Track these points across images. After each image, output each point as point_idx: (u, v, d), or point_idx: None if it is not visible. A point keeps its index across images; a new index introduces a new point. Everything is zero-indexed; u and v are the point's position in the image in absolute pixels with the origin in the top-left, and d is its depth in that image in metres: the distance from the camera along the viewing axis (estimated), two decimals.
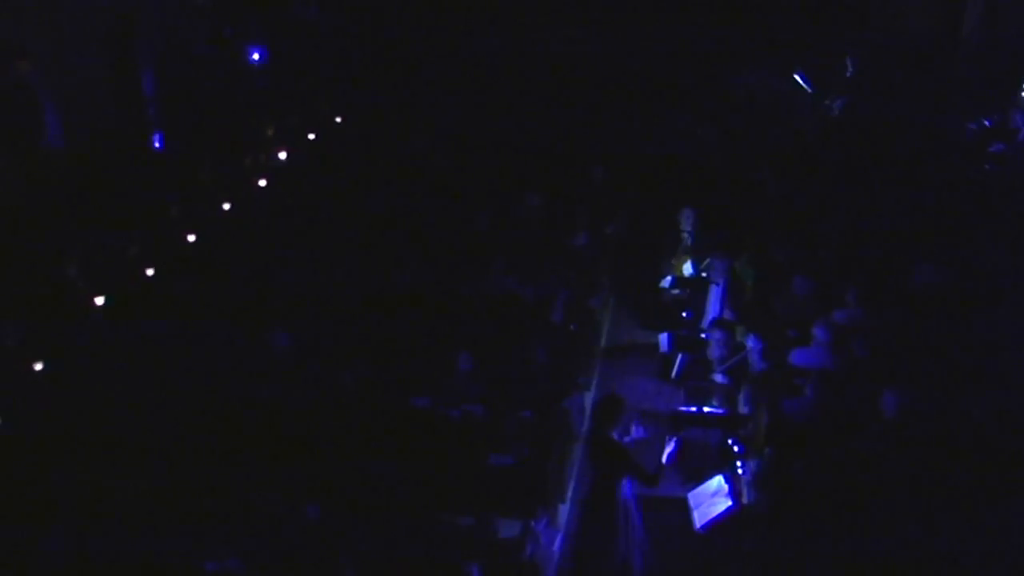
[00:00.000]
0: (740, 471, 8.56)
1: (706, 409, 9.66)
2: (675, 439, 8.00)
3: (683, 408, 9.75)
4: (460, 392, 9.48)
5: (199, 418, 8.97)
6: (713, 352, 10.27)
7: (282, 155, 13.67)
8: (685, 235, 12.23)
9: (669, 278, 12.06)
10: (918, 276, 10.71)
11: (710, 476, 8.45)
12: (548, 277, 11.44)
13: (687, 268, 12.06)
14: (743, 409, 9.69)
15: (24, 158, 11.76)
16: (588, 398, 10.91)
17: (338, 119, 15.14)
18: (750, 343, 9.96)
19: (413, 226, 12.28)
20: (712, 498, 8.24)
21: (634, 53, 15.87)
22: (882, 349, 9.62)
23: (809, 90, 14.86)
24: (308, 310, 10.59)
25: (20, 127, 11.73)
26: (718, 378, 10.11)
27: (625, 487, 7.94)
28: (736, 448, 8.83)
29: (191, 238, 11.58)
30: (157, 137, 13.95)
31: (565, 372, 10.11)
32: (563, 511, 9.26)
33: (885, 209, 12.39)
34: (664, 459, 7.92)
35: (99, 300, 10.14)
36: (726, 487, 8.24)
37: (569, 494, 9.51)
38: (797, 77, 14.82)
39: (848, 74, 14.83)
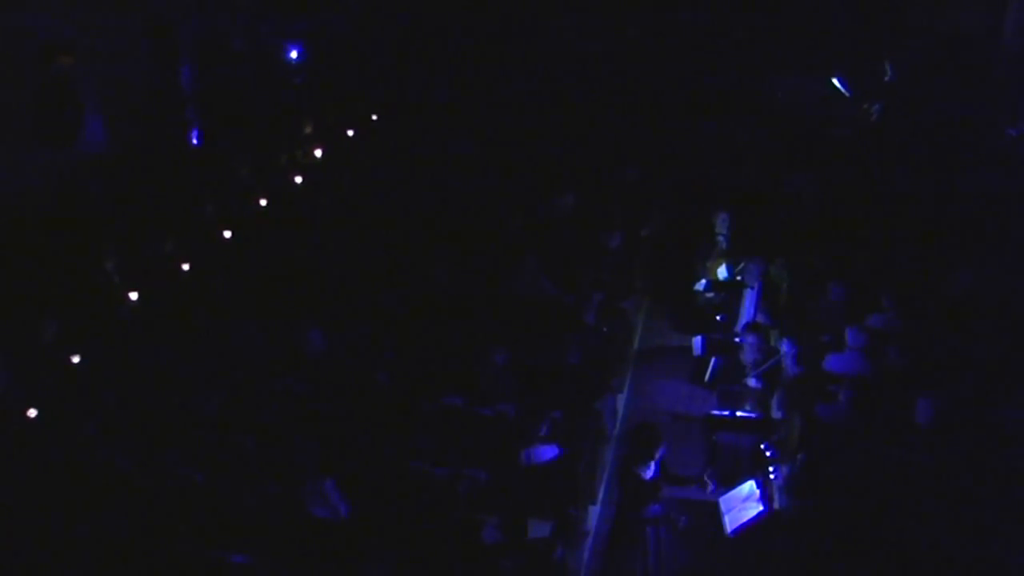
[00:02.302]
0: (772, 476, 8.57)
1: (739, 413, 9.68)
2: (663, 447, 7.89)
3: (716, 412, 9.76)
4: (492, 392, 9.54)
5: (231, 415, 9.07)
6: (747, 356, 10.27)
7: (318, 152, 13.75)
8: (720, 238, 12.25)
9: (703, 281, 12.07)
10: (956, 282, 10.65)
11: (742, 480, 8.47)
12: (581, 278, 11.47)
13: (722, 271, 12.06)
14: (776, 414, 9.71)
15: (63, 155, 11.89)
16: (620, 400, 10.94)
17: (374, 117, 15.23)
18: (784, 347, 9.96)
19: (448, 225, 12.35)
20: (744, 503, 8.26)
21: (671, 54, 15.83)
22: (918, 355, 9.58)
23: (847, 94, 14.79)
24: (342, 308, 10.68)
25: (60, 124, 11.86)
26: (751, 382, 10.12)
27: (652, 509, 7.92)
28: (769, 453, 8.84)
29: (227, 235, 11.70)
30: (195, 134, 14.05)
31: (597, 374, 10.15)
32: (593, 513, 9.30)
33: (922, 214, 12.32)
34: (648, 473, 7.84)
35: (133, 296, 10.27)
36: (758, 492, 8.25)
37: (600, 495, 9.55)
38: (835, 81, 14.76)
39: (887, 78, 14.74)
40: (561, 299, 11.13)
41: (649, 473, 7.85)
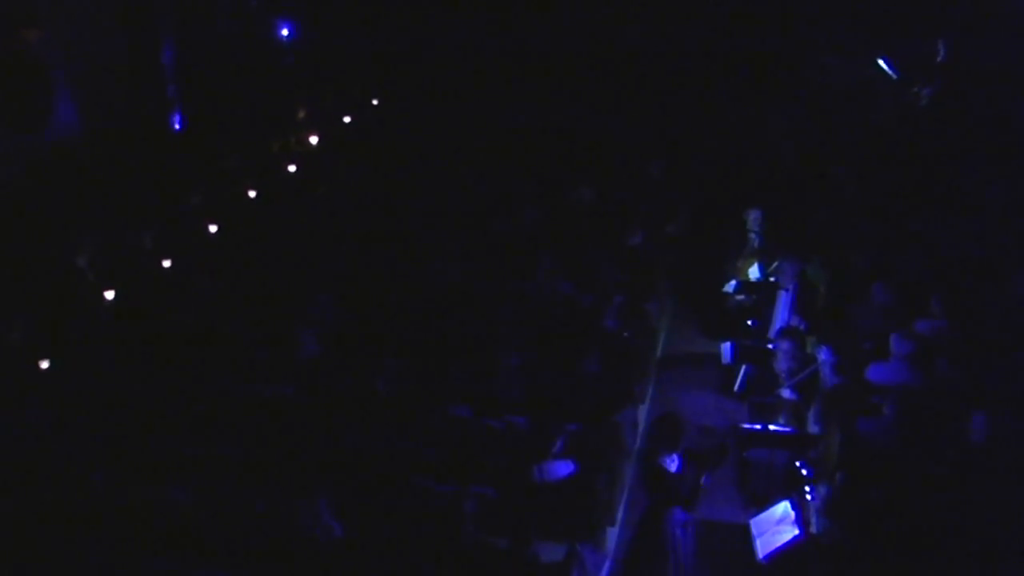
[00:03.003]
0: (808, 497, 8.55)
1: (772, 427, 9.65)
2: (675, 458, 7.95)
3: (746, 425, 9.75)
4: (503, 402, 9.54)
5: (216, 426, 9.10)
6: (780, 364, 10.25)
7: (313, 139, 13.80)
8: (752, 235, 12.25)
9: (733, 282, 12.08)
10: (1013, 284, 10.62)
11: (775, 502, 8.45)
12: (600, 278, 11.49)
13: (753, 271, 12.08)
14: (813, 428, 9.69)
15: (30, 141, 11.91)
16: (642, 412, 10.94)
17: (375, 101, 15.26)
18: (822, 355, 9.93)
19: (455, 219, 12.37)
20: (777, 526, 8.22)
21: (700, 33, 15.82)
22: (971, 365, 9.55)
23: (894, 76, 14.74)
24: (339, 310, 10.71)
25: (27, 106, 11.87)
26: (786, 393, 10.09)
27: (676, 513, 8.00)
28: (804, 471, 8.83)
29: (212, 229, 11.73)
30: (176, 118, 14.11)
31: (618, 383, 10.15)
32: (612, 535, 9.30)
33: (976, 210, 12.29)
34: (703, 480, 7.90)
35: (109, 295, 10.29)
36: (793, 514, 8.22)
37: (619, 516, 9.55)
38: (880, 62, 14.69)
39: (939, 58, 14.69)
40: (578, 301, 11.15)
41: (675, 466, 7.92)
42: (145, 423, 9.04)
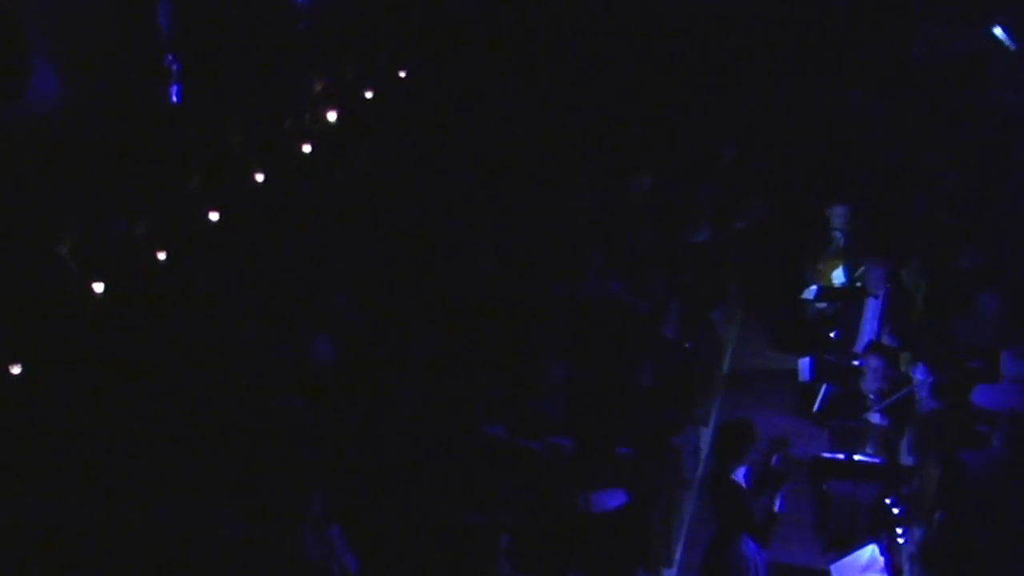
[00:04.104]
0: (901, 539, 8.58)
1: (857, 457, 9.62)
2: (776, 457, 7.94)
3: (827, 455, 9.72)
4: (544, 420, 9.53)
5: (215, 442, 9.14)
6: (868, 384, 10.22)
7: (332, 116, 13.85)
8: (836, 234, 12.24)
9: (814, 288, 12.06)
10: None
11: (860, 544, 8.44)
12: (659, 280, 11.48)
13: (837, 276, 12.08)
14: (906, 460, 9.74)
15: (5, 112, 12.02)
16: (704, 435, 10.93)
17: (402, 73, 15.30)
18: (918, 375, 9.92)
19: (491, 210, 12.38)
20: (863, 573, 8.21)
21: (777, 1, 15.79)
22: None
23: (1012, 47, 14.54)
24: (357, 311, 10.73)
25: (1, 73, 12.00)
26: (874, 418, 10.07)
27: (748, 545, 7.95)
28: (896, 509, 8.83)
29: (214, 216, 11.80)
30: (174, 89, 14.20)
31: (677, 401, 10.17)
32: None
33: None
34: (776, 504, 7.88)
35: (98, 288, 10.36)
36: (881, 560, 8.20)
37: (677, 556, 9.50)
38: (996, 31, 14.50)
39: None
40: (633, 306, 11.16)
41: (747, 482, 7.97)
42: (132, 437, 9.09)
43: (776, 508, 7.97)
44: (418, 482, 8.89)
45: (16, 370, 9.51)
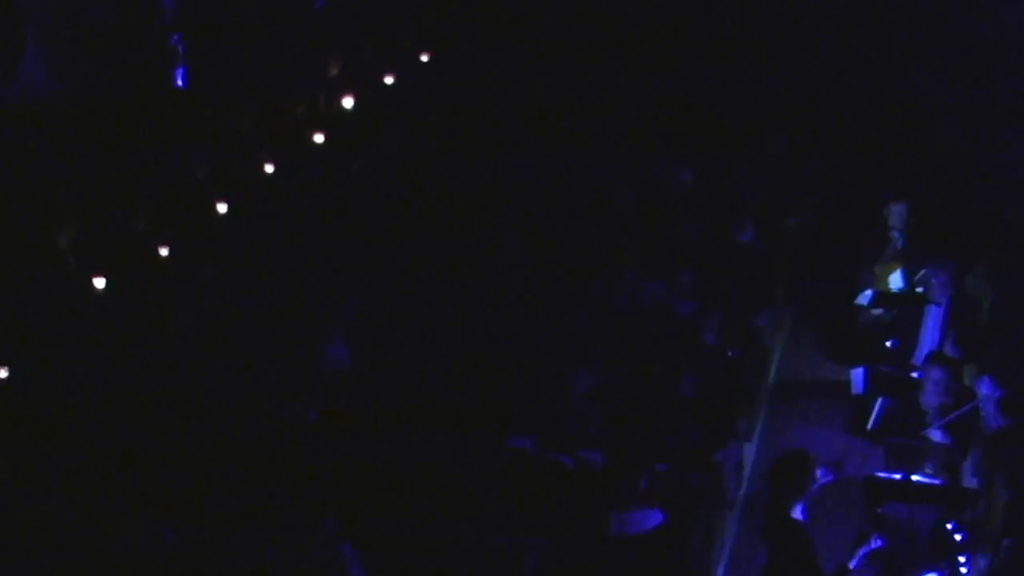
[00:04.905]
0: (963, 569, 8.53)
1: (915, 478, 9.55)
2: (879, 539, 7.96)
3: (882, 474, 9.67)
4: (575, 432, 9.55)
5: (220, 453, 9.20)
6: (928, 399, 10.18)
7: (348, 102, 13.89)
8: (894, 234, 12.21)
9: (869, 292, 12.04)
10: None
11: (920, 572, 8.48)
12: (700, 283, 11.49)
13: (895, 280, 12.06)
14: (970, 481, 9.62)
15: None
16: (748, 451, 10.91)
17: (425, 56, 15.33)
18: (984, 389, 9.85)
19: (520, 205, 12.39)
20: None
21: None
22: None
23: None
24: (374, 312, 10.77)
25: None
26: (934, 435, 10.03)
27: None
28: (958, 536, 8.79)
29: (221, 208, 11.86)
30: (180, 72, 14.27)
31: (719, 413, 10.15)
32: None
33: None
34: (853, 562, 7.87)
35: (99, 283, 10.43)
36: None
37: None
38: None
39: None
40: (672, 309, 11.14)
41: (804, 515, 7.96)
42: (133, 446, 9.14)
43: (853, 564, 7.95)
44: (438, 498, 8.93)
45: (2, 373, 9.58)
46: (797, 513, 7.99)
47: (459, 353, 10.40)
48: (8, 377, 9.62)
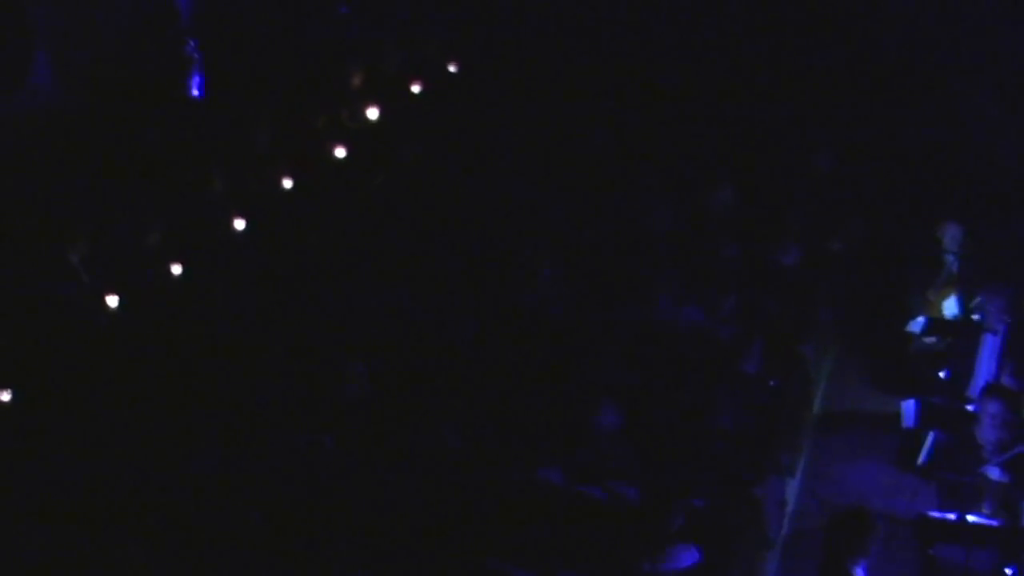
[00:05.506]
0: None
1: (971, 518, 9.54)
2: None
3: (935, 514, 9.67)
4: (606, 464, 9.57)
5: (232, 484, 9.25)
6: (984, 433, 10.15)
7: (372, 113, 13.91)
8: (948, 257, 12.21)
9: (921, 319, 12.04)
10: None
11: None
12: (741, 308, 11.50)
13: (949, 306, 12.05)
14: None
15: (5, 103, 12.21)
16: (791, 486, 10.89)
17: (453, 66, 15.37)
18: None
19: (551, 223, 12.41)
20: None
21: None
22: None
23: None
24: (396, 336, 10.83)
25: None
26: (991, 472, 9.99)
27: None
28: None
29: (238, 224, 11.94)
30: (195, 81, 14.35)
31: (759, 446, 10.16)
32: None
33: None
34: None
35: (112, 302, 10.52)
36: None
37: None
38: None
39: None
40: (712, 335, 11.15)
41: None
42: (140, 476, 9.21)
43: None
44: (463, 532, 8.95)
45: (5, 396, 9.66)
46: (858, 574, 8.02)
47: (484, 378, 10.42)
48: (14, 398, 9.72)
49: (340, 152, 13.28)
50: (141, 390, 9.93)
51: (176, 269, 11.20)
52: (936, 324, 11.92)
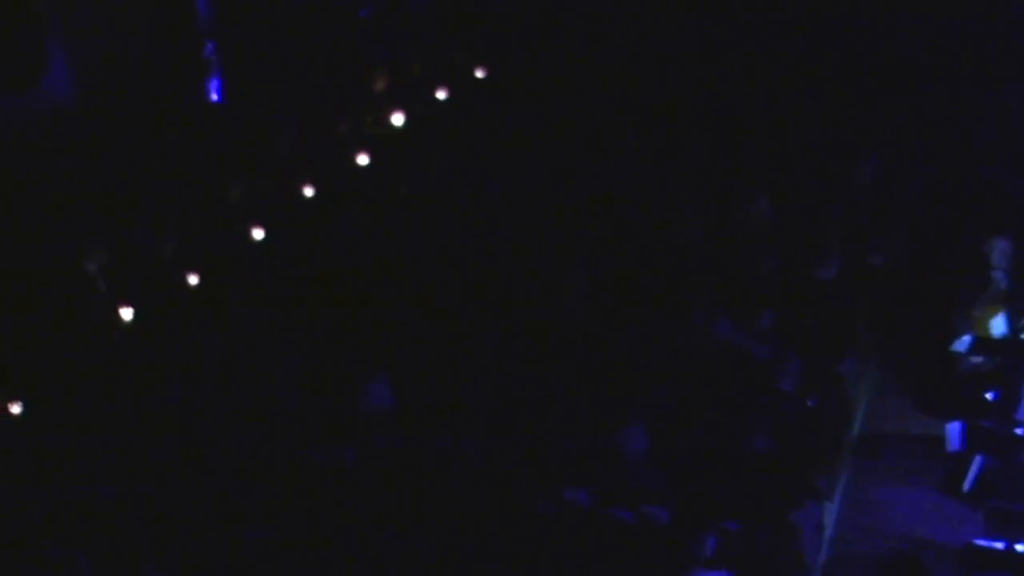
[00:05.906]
0: None
1: (1020, 547, 9.51)
2: None
3: (982, 542, 9.64)
4: (635, 486, 9.57)
5: (250, 500, 9.30)
6: None
7: (397, 120, 13.93)
8: (996, 274, 12.17)
9: (967, 338, 11.99)
10: None
11: None
12: (778, 324, 11.48)
13: (997, 325, 11.98)
14: None
15: (19, 104, 12.29)
16: (829, 511, 10.86)
17: (480, 72, 15.40)
18: None
19: (583, 237, 12.42)
20: None
21: None
22: None
23: None
24: (420, 349, 10.85)
25: (10, 58, 12.22)
26: None
27: None
28: None
29: (257, 234, 11.98)
30: (214, 85, 14.41)
31: (796, 469, 10.13)
32: None
33: None
34: None
35: (126, 313, 10.57)
36: None
37: None
38: None
39: None
40: (746, 353, 11.14)
41: None
42: (154, 493, 9.28)
43: None
44: (487, 555, 8.97)
45: (16, 409, 9.73)
46: None
47: (511, 397, 10.44)
48: (27, 410, 9.79)
49: (362, 159, 13.33)
50: (157, 401, 9.99)
51: (193, 279, 11.28)
52: (983, 343, 11.86)
